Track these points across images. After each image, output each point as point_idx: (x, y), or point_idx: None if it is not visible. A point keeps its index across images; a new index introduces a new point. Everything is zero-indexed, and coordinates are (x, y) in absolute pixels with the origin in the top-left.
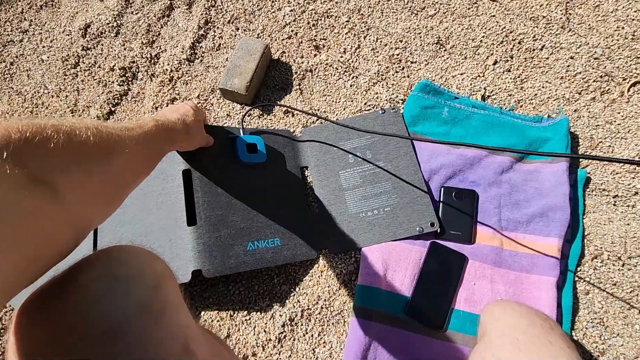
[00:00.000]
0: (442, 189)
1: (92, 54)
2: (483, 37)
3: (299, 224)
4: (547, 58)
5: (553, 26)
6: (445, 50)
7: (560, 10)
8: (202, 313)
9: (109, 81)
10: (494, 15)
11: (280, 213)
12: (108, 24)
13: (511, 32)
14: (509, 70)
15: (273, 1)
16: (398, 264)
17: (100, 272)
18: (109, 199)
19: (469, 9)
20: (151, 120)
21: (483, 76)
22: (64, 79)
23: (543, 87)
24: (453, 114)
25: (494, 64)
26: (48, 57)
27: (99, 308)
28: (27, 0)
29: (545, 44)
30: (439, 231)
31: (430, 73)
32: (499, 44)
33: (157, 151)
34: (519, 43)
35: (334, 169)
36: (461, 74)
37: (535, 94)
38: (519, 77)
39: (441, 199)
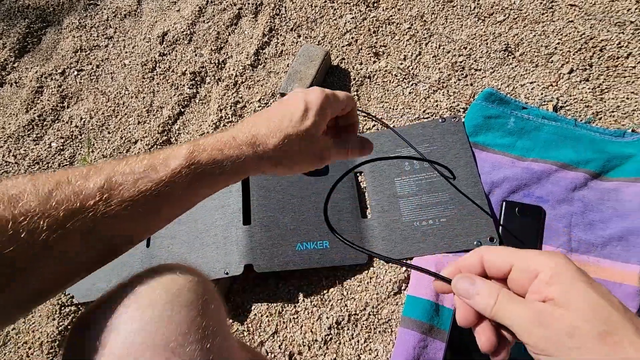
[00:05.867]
0: (504, 203)
1: (167, 59)
2: (558, 43)
3: (350, 229)
4: (634, 67)
5: None
6: (514, 57)
7: None
8: (253, 307)
9: (181, 84)
10: (571, 21)
11: (331, 217)
12: (183, 31)
13: (591, 39)
14: (587, 80)
15: (335, 9)
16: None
17: (151, 299)
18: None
19: (543, 14)
20: (180, 157)
21: (556, 85)
22: (142, 81)
23: (628, 98)
24: (520, 125)
25: (570, 72)
26: (130, 62)
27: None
28: (112, 9)
29: (633, 51)
30: (497, 244)
31: (495, 81)
32: (576, 52)
33: (166, 211)
34: (601, 50)
35: (389, 176)
36: (531, 83)
37: (618, 106)
38: (598, 87)
39: (503, 214)
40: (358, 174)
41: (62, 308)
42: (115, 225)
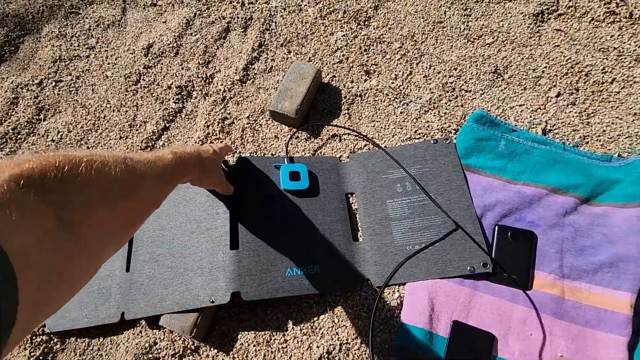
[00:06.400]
0: (497, 228)
1: (152, 72)
2: (545, 67)
3: (341, 252)
4: (618, 92)
5: (625, 59)
6: (502, 79)
7: (635, 42)
8: (239, 335)
9: (166, 98)
10: (558, 45)
11: (322, 240)
12: (169, 44)
13: (577, 64)
14: (574, 104)
15: (326, 26)
16: (444, 305)
17: None
18: (124, 234)
19: (530, 37)
20: (170, 154)
21: (544, 109)
22: (125, 94)
23: (613, 123)
24: (510, 148)
25: (557, 96)
26: (112, 74)
27: None
28: (94, 18)
29: (617, 77)
30: (491, 272)
31: (485, 103)
32: (563, 75)
33: (172, 184)
34: (586, 75)
35: (381, 198)
36: (520, 105)
37: (604, 130)
38: (585, 111)
39: (495, 239)
40: (349, 195)
41: (34, 337)
42: (160, 182)
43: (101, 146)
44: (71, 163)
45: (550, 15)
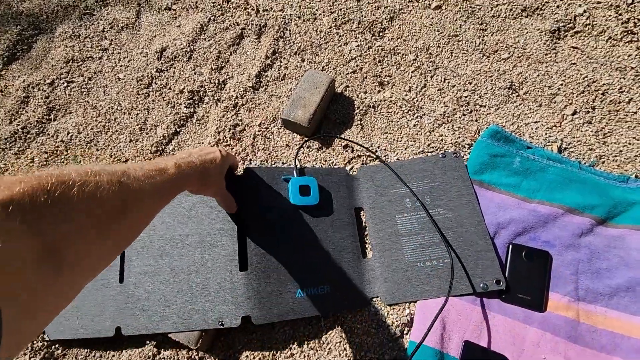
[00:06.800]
0: (511, 247)
1: (165, 76)
2: (561, 84)
3: (351, 269)
4: (636, 112)
5: None
6: (518, 95)
7: None
8: (244, 350)
9: (177, 103)
10: (574, 63)
11: (332, 258)
12: (182, 48)
13: (594, 82)
14: (590, 122)
15: (340, 36)
16: (456, 325)
17: None
18: (111, 257)
19: (546, 54)
20: (173, 166)
21: (560, 126)
22: (137, 97)
23: (630, 143)
24: (525, 165)
25: (573, 114)
26: (124, 76)
27: None
28: (108, 20)
29: (634, 97)
30: (504, 290)
31: (500, 119)
32: (579, 94)
33: (169, 198)
34: (603, 94)
35: (390, 213)
36: (535, 122)
37: (621, 151)
38: (601, 130)
39: (509, 258)
40: (359, 210)
41: (34, 343)
42: (157, 197)
43: (110, 149)
44: (63, 186)
45: (566, 33)
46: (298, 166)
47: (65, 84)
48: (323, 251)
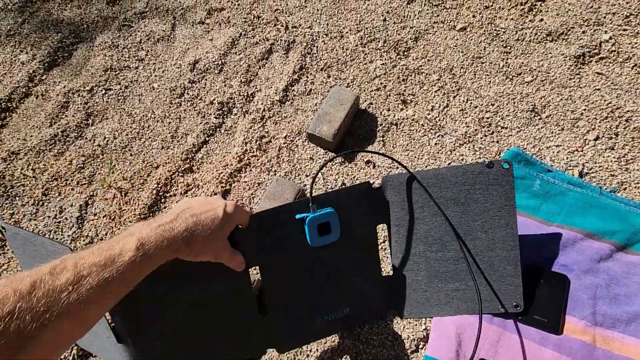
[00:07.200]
0: (529, 268)
1: (197, 87)
2: (584, 109)
3: (370, 287)
4: None
5: None
6: (540, 119)
7: None
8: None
9: (207, 113)
10: (598, 89)
11: (351, 281)
12: (214, 61)
13: (618, 108)
14: (613, 149)
15: (366, 54)
16: (472, 342)
17: None
18: None
19: (570, 79)
20: (133, 249)
21: (582, 151)
22: (169, 106)
23: None
24: (545, 188)
25: (596, 139)
26: (158, 86)
27: None
28: (146, 32)
29: None
30: (521, 311)
31: (522, 141)
32: (602, 119)
33: (126, 288)
34: (627, 121)
35: (414, 230)
36: (557, 146)
37: None
38: (624, 156)
39: (526, 279)
40: (381, 226)
41: None
42: (84, 307)
43: (143, 155)
44: None
45: (591, 58)
46: (313, 193)
47: (104, 91)
48: (343, 277)
